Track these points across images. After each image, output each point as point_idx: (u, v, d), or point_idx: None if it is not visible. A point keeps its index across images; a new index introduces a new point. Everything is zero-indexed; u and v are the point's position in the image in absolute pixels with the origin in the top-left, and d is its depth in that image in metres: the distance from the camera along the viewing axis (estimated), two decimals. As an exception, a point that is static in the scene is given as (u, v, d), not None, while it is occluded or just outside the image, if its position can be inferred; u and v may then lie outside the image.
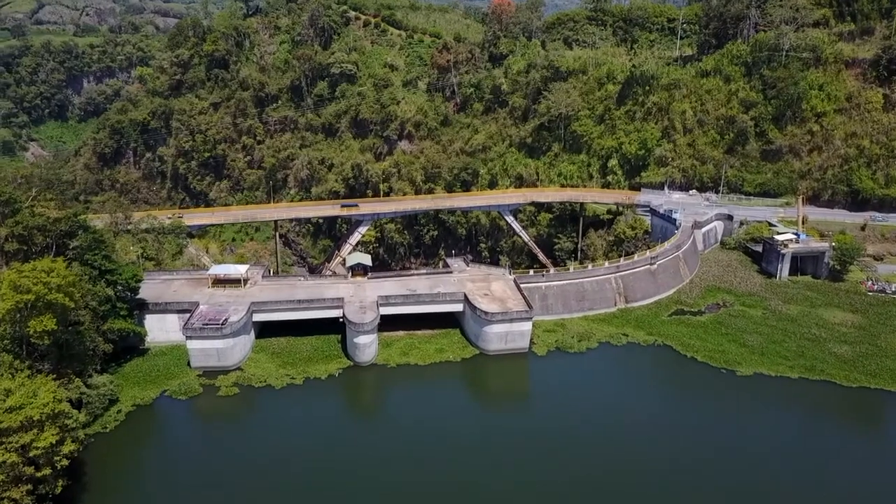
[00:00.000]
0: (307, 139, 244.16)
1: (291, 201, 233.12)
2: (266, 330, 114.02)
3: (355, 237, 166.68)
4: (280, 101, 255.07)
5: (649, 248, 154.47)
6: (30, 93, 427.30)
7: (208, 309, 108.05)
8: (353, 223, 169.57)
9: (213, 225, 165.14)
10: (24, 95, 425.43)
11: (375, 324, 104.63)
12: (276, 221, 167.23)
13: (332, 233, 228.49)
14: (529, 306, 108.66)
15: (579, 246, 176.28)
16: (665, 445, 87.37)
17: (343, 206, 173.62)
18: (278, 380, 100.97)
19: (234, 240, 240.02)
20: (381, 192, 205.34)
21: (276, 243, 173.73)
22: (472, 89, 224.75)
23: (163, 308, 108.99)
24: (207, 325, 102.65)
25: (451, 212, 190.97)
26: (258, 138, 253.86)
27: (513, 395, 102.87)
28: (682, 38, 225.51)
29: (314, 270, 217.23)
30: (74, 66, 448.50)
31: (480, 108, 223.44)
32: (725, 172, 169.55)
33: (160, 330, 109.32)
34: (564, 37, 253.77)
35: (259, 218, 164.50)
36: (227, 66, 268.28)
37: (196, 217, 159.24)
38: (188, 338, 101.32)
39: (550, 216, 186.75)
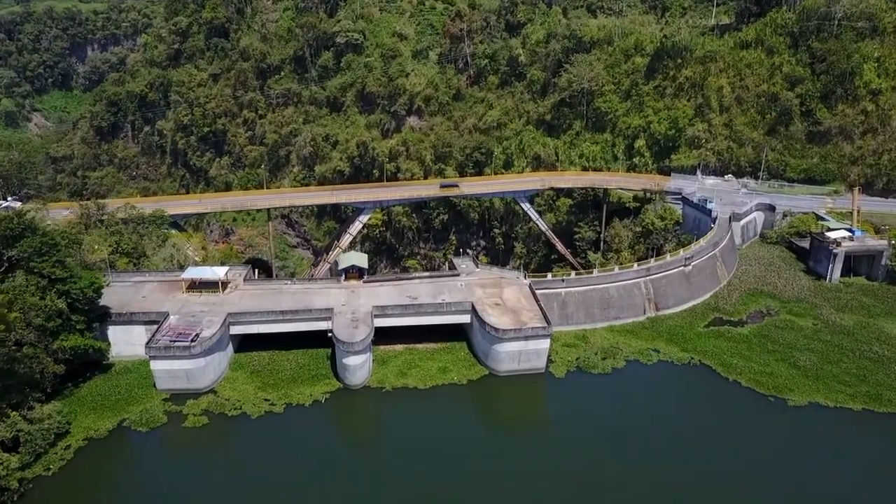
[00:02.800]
0: (311, 114, 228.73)
1: (294, 180, 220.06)
2: (247, 342, 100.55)
3: (356, 227, 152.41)
4: (283, 73, 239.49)
5: (680, 240, 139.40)
6: (32, 61, 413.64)
7: (178, 321, 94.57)
8: (353, 210, 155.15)
9: (198, 214, 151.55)
10: (26, 64, 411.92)
11: (368, 342, 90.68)
12: (269, 210, 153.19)
13: (336, 214, 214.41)
14: (547, 321, 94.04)
15: (602, 236, 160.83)
16: (707, 492, 73.64)
17: (442, 186, 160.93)
18: (255, 406, 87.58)
19: (234, 219, 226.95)
20: (385, 174, 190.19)
21: (269, 233, 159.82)
22: (486, 61, 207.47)
23: (127, 319, 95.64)
24: (176, 340, 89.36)
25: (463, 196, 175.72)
26: (260, 112, 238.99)
27: (527, 426, 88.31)
28: (718, 4, 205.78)
29: (318, 253, 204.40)
30: (78, 34, 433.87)
31: (496, 81, 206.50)
32: (766, 156, 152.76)
33: (126, 343, 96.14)
34: (588, 3, 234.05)
35: (249, 206, 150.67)
36: (227, 34, 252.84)
37: (180, 205, 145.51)
38: (151, 357, 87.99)
39: (571, 202, 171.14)
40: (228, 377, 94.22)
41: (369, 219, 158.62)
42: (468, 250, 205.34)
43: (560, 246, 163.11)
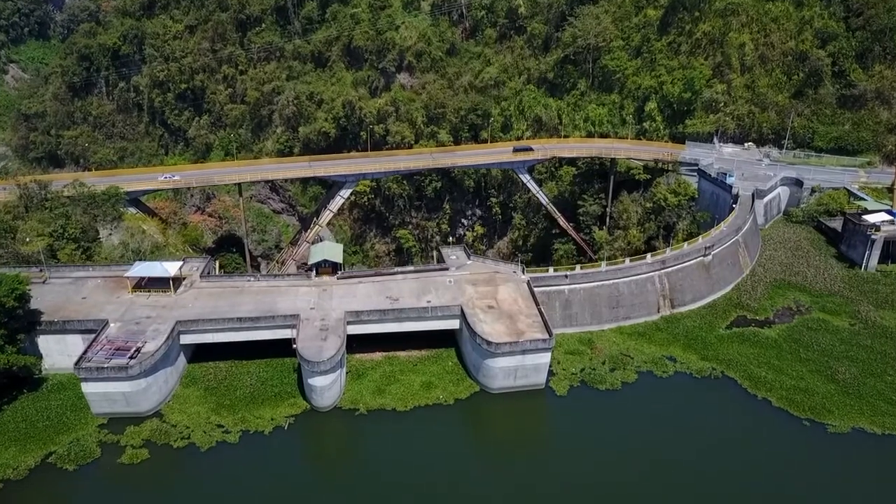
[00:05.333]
0: (294, 69, 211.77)
1: (277, 142, 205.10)
2: (203, 350, 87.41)
3: (337, 202, 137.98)
4: (264, 25, 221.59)
5: (695, 218, 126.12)
6: (6, 9, 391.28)
7: (119, 330, 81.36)
8: (333, 184, 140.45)
9: (159, 191, 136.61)
10: (0, 12, 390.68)
11: (338, 358, 77.53)
12: (239, 185, 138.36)
13: (322, 178, 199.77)
14: (549, 331, 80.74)
15: (608, 211, 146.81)
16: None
17: (515, 150, 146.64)
18: (206, 435, 75.01)
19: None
20: (373, 139, 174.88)
21: (242, 211, 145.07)
22: (483, 12, 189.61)
23: (60, 328, 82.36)
24: (113, 356, 76.31)
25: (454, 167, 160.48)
26: (240, 68, 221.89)
27: (524, 457, 74.82)
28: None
29: (303, 220, 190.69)
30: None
31: (493, 34, 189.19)
32: (792, 122, 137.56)
33: (60, 354, 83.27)
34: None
35: (217, 181, 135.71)
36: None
37: (139, 181, 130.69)
38: (82, 379, 75.02)
39: (574, 170, 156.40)
40: (179, 395, 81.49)
41: (351, 193, 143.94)
42: (462, 220, 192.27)
43: (562, 220, 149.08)
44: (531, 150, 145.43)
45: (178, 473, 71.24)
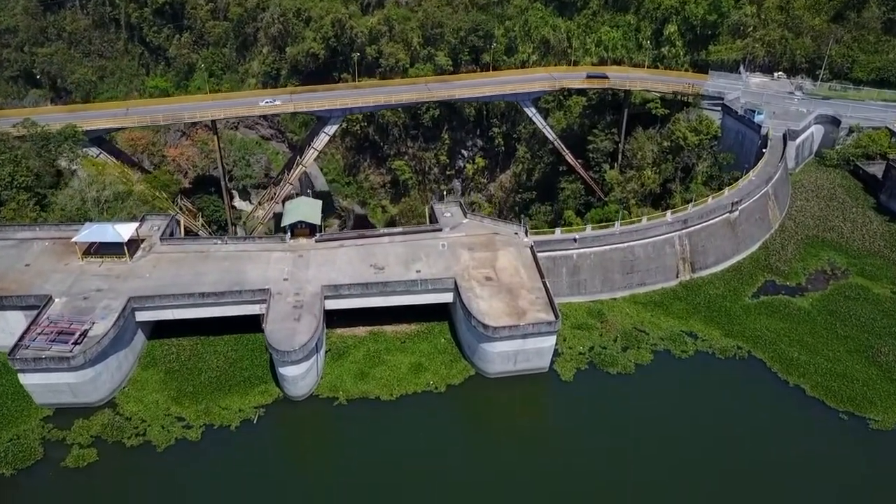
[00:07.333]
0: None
1: (263, 63, 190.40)
2: (164, 326, 77.48)
3: (321, 140, 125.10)
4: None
5: (717, 160, 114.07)
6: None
7: (64, 308, 71.13)
8: (317, 120, 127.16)
9: (121, 129, 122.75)
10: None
11: (313, 344, 67.54)
12: (214, 122, 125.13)
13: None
14: (555, 312, 70.56)
15: (621, 147, 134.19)
16: None
17: (588, 76, 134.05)
18: (164, 430, 65.93)
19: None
20: (363, 63, 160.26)
21: (218, 150, 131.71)
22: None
23: (-2, 303, 72.39)
24: (56, 340, 66.45)
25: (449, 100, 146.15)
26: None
27: (522, 453, 65.85)
28: None
29: (294, 147, 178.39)
30: None
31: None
32: (829, 50, 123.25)
33: (1, 332, 73.51)
34: None
35: (188, 118, 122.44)
36: None
37: (99, 118, 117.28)
38: (18, 371, 65.47)
39: (584, 101, 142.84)
40: (136, 379, 72.14)
41: (337, 129, 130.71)
42: (462, 151, 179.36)
43: (570, 157, 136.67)
44: (606, 77, 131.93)
45: (129, 479, 62.32)
